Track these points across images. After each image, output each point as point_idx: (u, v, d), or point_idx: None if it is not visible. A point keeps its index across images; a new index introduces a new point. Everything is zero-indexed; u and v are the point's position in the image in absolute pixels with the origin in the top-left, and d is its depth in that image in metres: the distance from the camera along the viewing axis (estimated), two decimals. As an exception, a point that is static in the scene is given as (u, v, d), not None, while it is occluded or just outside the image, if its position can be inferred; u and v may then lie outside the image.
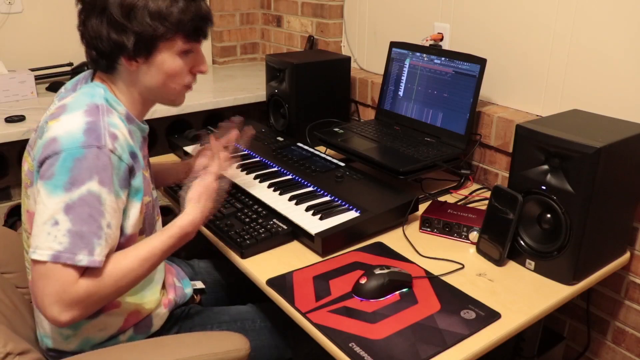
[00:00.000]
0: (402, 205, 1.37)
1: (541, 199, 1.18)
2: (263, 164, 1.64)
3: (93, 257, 0.95)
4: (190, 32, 1.07)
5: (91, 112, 1.01)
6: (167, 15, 1.03)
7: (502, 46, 1.62)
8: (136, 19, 1.02)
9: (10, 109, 1.86)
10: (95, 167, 0.96)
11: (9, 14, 2.12)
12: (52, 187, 0.95)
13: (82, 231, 0.95)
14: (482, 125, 1.64)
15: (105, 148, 0.98)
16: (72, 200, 0.95)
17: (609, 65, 1.38)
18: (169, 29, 1.04)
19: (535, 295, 1.14)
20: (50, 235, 0.94)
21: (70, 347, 1.12)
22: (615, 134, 1.16)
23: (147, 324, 1.20)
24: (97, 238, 0.96)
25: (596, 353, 1.55)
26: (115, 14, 1.01)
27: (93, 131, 0.98)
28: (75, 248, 0.94)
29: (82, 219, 0.95)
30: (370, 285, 1.11)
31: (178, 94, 1.15)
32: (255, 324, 1.31)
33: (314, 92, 1.92)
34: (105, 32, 1.03)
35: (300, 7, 2.36)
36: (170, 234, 1.08)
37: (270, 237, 1.28)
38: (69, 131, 0.97)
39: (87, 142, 0.97)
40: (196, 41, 1.10)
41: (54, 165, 0.95)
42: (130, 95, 1.11)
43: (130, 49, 1.03)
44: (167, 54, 1.07)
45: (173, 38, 1.06)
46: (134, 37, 1.02)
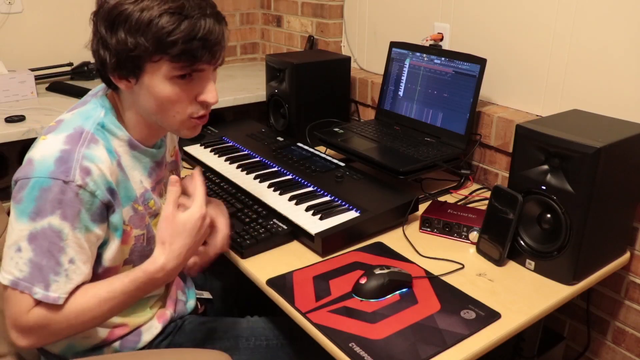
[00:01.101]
0: (402, 205, 1.37)
1: (541, 199, 1.18)
2: (263, 164, 1.64)
3: (48, 292, 0.93)
4: (178, 55, 0.92)
5: (72, 138, 0.95)
6: (145, 32, 0.90)
7: (502, 46, 1.62)
8: (116, 33, 0.91)
9: (11, 109, 1.86)
10: (57, 201, 0.91)
11: (9, 14, 2.12)
12: (19, 212, 0.92)
13: (41, 264, 0.92)
14: (482, 125, 1.64)
15: (73, 183, 0.92)
16: (36, 230, 0.92)
17: (609, 65, 1.38)
18: (147, 48, 0.91)
19: (535, 295, 1.14)
20: (13, 261, 0.93)
21: (55, 350, 1.11)
22: (615, 134, 1.16)
23: (134, 339, 1.15)
24: (54, 274, 0.93)
25: (596, 353, 1.55)
26: (100, 26, 0.93)
27: (64, 162, 0.92)
28: (33, 279, 0.92)
29: (42, 252, 0.92)
30: (370, 285, 1.11)
31: (181, 124, 1.02)
32: (249, 342, 1.24)
33: (314, 92, 1.92)
34: (95, 47, 0.96)
35: (300, 7, 2.36)
36: (133, 278, 0.98)
37: (270, 237, 1.28)
38: (43, 157, 0.93)
39: (54, 173, 0.92)
40: (190, 66, 0.94)
41: (23, 190, 0.92)
42: (134, 117, 1.04)
43: (112, 68, 0.94)
44: (154, 77, 0.95)
45: (157, 60, 0.93)
46: (114, 55, 0.92)
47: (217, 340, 1.23)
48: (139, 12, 0.90)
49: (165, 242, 0.99)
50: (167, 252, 0.98)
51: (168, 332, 1.22)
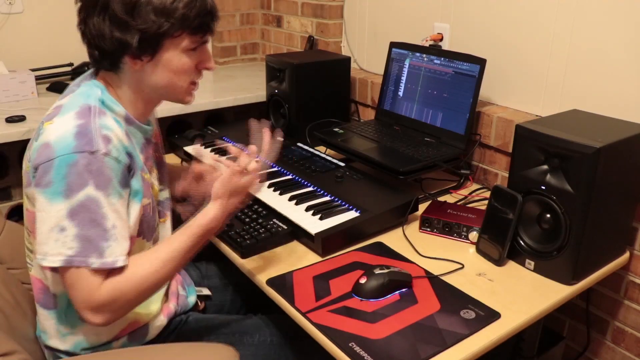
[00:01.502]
0: (402, 205, 1.38)
1: (541, 199, 1.19)
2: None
3: (103, 258, 0.96)
4: (196, 28, 1.04)
5: (82, 114, 0.99)
6: (172, 10, 1.00)
7: (502, 46, 1.62)
8: (140, 15, 0.98)
9: (11, 109, 1.86)
10: (88, 172, 0.95)
11: (9, 14, 2.12)
12: (50, 194, 0.95)
13: (88, 235, 0.95)
14: (481, 125, 1.64)
15: (98, 153, 0.96)
16: (73, 206, 0.94)
17: (609, 65, 1.38)
18: (174, 25, 1.01)
19: (534, 295, 1.14)
20: (58, 242, 0.95)
21: (64, 346, 1.12)
22: (615, 134, 1.16)
23: (142, 333, 1.18)
24: (105, 240, 0.96)
25: (596, 353, 1.55)
26: (118, 10, 0.98)
27: (84, 135, 0.96)
28: (85, 251, 0.95)
29: (86, 224, 0.95)
30: (370, 285, 1.11)
31: (185, 92, 1.12)
32: (254, 339, 1.27)
33: (314, 92, 1.93)
34: (108, 30, 1.00)
35: (300, 7, 2.36)
36: (191, 233, 1.06)
37: (270, 237, 1.28)
38: (61, 136, 0.96)
39: (78, 147, 0.95)
40: (202, 37, 1.07)
41: (49, 173, 0.94)
42: (132, 94, 1.09)
43: (135, 48, 1.00)
44: (173, 52, 1.04)
45: (179, 35, 1.03)
46: (138, 35, 0.99)
47: (222, 335, 1.26)
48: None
49: (220, 198, 1.08)
50: (220, 206, 1.08)
51: (173, 326, 1.24)
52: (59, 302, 1.10)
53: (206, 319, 1.30)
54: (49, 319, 1.11)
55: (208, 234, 1.09)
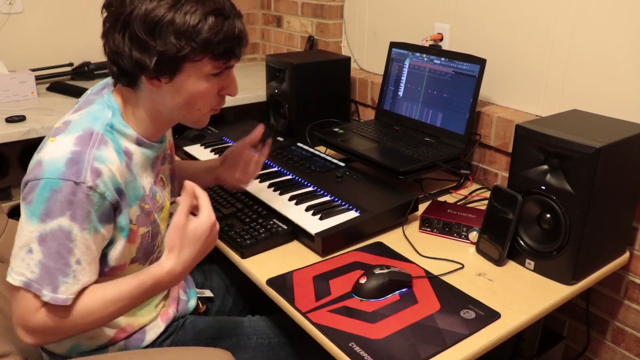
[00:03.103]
0: (402, 205, 1.38)
1: (541, 199, 1.19)
2: (263, 164, 1.64)
3: (56, 294, 0.94)
4: (220, 54, 0.98)
5: (83, 140, 0.96)
6: (195, 34, 0.94)
7: (502, 46, 1.62)
8: (160, 37, 0.93)
9: (11, 109, 1.86)
10: (68, 202, 0.92)
11: (9, 14, 2.12)
12: (29, 213, 0.93)
13: (49, 266, 0.93)
14: (481, 125, 1.64)
15: (84, 185, 0.92)
16: (46, 232, 0.92)
17: (609, 65, 1.38)
18: (195, 49, 0.95)
19: (534, 295, 1.14)
20: (24, 262, 0.93)
21: (60, 350, 1.11)
22: (615, 134, 1.16)
23: (139, 338, 1.17)
24: (63, 276, 0.94)
25: (596, 353, 1.56)
26: (139, 29, 0.93)
27: (75, 164, 0.93)
28: (43, 281, 0.93)
29: (50, 254, 0.93)
30: (370, 285, 1.11)
31: (202, 116, 1.07)
32: (251, 341, 1.26)
33: (314, 92, 1.93)
34: (127, 49, 0.95)
35: (300, 7, 2.36)
36: (140, 282, 1.00)
37: (270, 237, 1.28)
38: (53, 158, 0.93)
39: (65, 174, 0.92)
40: (226, 63, 1.01)
41: (34, 191, 0.93)
42: (147, 114, 1.05)
43: (152, 69, 0.95)
44: (193, 76, 0.99)
45: (200, 59, 0.97)
46: (156, 57, 0.94)
47: (219, 339, 1.24)
48: (184, 15, 0.93)
49: (175, 248, 0.99)
50: (175, 258, 0.99)
51: (171, 331, 1.23)
52: None
53: (203, 322, 1.28)
54: None
55: (160, 285, 1.01)
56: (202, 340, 1.23)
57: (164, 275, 1.00)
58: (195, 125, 1.10)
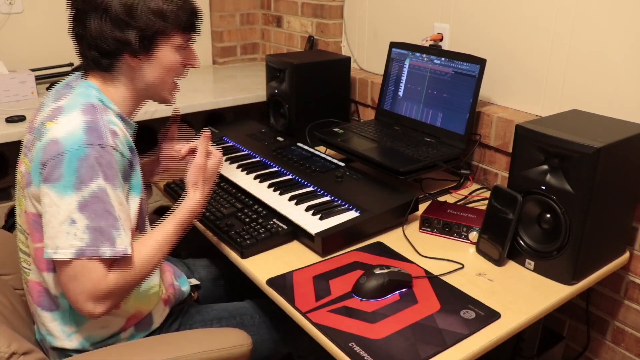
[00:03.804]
0: (402, 205, 1.38)
1: (541, 199, 1.19)
2: (263, 164, 1.64)
3: (115, 247, 0.99)
4: (187, 28, 1.14)
5: (88, 111, 1.04)
6: (168, 12, 1.09)
7: (502, 46, 1.62)
8: (139, 16, 1.07)
9: (11, 109, 1.86)
10: (99, 164, 0.99)
11: (9, 14, 2.12)
12: (61, 188, 0.97)
13: (100, 226, 0.98)
14: (481, 125, 1.64)
15: (108, 145, 1.01)
16: (84, 198, 0.98)
17: (609, 65, 1.38)
18: (169, 24, 1.10)
19: (534, 295, 1.14)
20: (70, 235, 0.97)
21: (72, 344, 1.13)
22: (615, 134, 1.16)
23: (148, 322, 1.21)
24: (115, 229, 1.00)
25: (596, 353, 1.56)
26: (119, 12, 1.05)
27: (94, 130, 1.01)
28: (97, 242, 0.98)
29: (97, 215, 0.98)
30: (370, 285, 1.11)
31: (170, 89, 1.20)
32: (254, 319, 1.33)
33: (314, 92, 1.93)
34: (109, 30, 1.06)
35: (300, 7, 2.36)
36: (180, 217, 1.13)
37: (270, 237, 1.28)
38: (70, 131, 1.00)
39: (89, 141, 0.99)
40: (191, 36, 1.17)
41: (59, 167, 0.97)
42: (123, 93, 1.14)
43: (135, 45, 1.07)
44: (167, 49, 1.13)
45: (172, 33, 1.12)
46: (137, 33, 1.07)
47: (224, 319, 1.31)
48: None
49: (198, 184, 1.17)
50: (200, 190, 1.18)
51: (175, 315, 1.29)
52: (61, 302, 1.11)
53: (204, 307, 1.36)
54: (52, 321, 1.12)
55: (195, 215, 1.17)
56: (208, 321, 1.30)
57: (196, 205, 1.17)
58: (164, 101, 1.22)
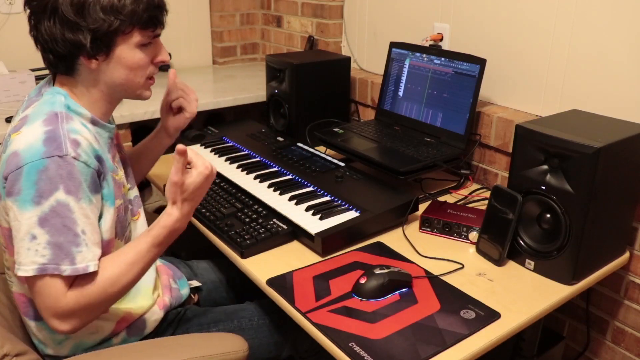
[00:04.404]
0: (402, 205, 1.38)
1: (541, 199, 1.19)
2: (263, 164, 1.64)
3: (75, 265, 0.95)
4: (146, 23, 1.05)
5: (50, 120, 0.99)
6: (120, 8, 1.00)
7: (502, 46, 1.62)
8: (89, 15, 0.99)
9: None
10: (59, 176, 0.94)
11: (9, 14, 2.12)
12: (21, 202, 0.94)
13: (59, 242, 0.94)
14: (481, 125, 1.64)
15: (68, 156, 0.96)
16: (44, 212, 0.94)
17: (609, 66, 1.38)
18: (124, 21, 1.01)
19: (534, 295, 1.14)
20: (31, 250, 0.94)
21: (63, 351, 1.12)
22: (615, 134, 1.16)
23: (140, 326, 1.19)
24: (75, 246, 0.96)
25: (596, 353, 1.56)
26: (67, 12, 0.98)
27: (53, 140, 0.96)
28: (57, 259, 0.94)
29: (57, 230, 0.94)
30: (370, 285, 1.11)
31: (143, 87, 1.12)
32: (252, 322, 1.31)
33: (314, 92, 1.93)
34: (60, 33, 0.99)
35: (300, 7, 2.36)
36: (155, 235, 1.04)
37: (270, 237, 1.28)
38: (29, 143, 0.95)
39: (47, 152, 0.94)
40: (153, 31, 1.08)
41: (19, 181, 0.94)
42: (92, 95, 1.08)
43: (88, 47, 1.00)
44: (126, 48, 1.05)
45: (130, 31, 1.03)
46: (90, 34, 0.99)
47: (221, 323, 1.28)
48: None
49: (177, 202, 1.05)
50: (179, 209, 1.05)
51: (171, 319, 1.26)
52: None
53: (203, 310, 1.32)
54: (41, 330, 1.10)
55: (173, 233, 1.06)
56: (205, 326, 1.27)
57: (174, 223, 1.04)
58: (139, 97, 1.14)
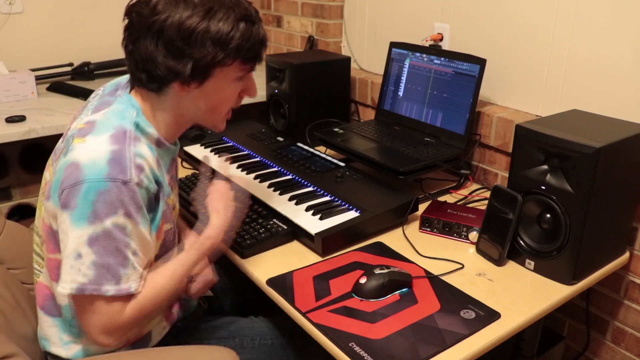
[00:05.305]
0: (402, 205, 1.38)
1: (541, 199, 1.19)
2: (263, 164, 1.64)
3: (119, 285, 0.95)
4: (249, 58, 1.02)
5: (117, 138, 0.96)
6: (228, 41, 0.97)
7: (502, 46, 1.62)
8: (196, 44, 0.95)
9: (11, 109, 1.86)
10: (119, 201, 0.93)
11: (9, 14, 2.12)
12: (75, 218, 0.92)
13: (108, 263, 0.94)
14: (481, 126, 1.64)
15: (132, 182, 0.94)
16: (96, 233, 0.92)
17: (609, 66, 1.38)
18: (229, 55, 0.98)
19: (534, 295, 1.14)
20: (74, 269, 0.93)
21: (67, 353, 1.11)
22: (615, 134, 1.16)
23: (146, 340, 1.17)
24: (124, 268, 0.95)
25: (596, 353, 1.56)
26: (174, 38, 0.94)
27: (118, 163, 0.93)
28: (101, 279, 0.94)
29: (107, 251, 0.93)
30: (370, 285, 1.11)
31: (223, 119, 1.12)
32: (254, 342, 1.27)
33: (314, 92, 1.93)
34: (162, 57, 0.96)
35: (300, 7, 2.36)
36: (198, 246, 1.08)
37: (270, 237, 1.28)
38: (93, 159, 0.93)
39: (111, 175, 0.92)
40: (252, 66, 1.06)
41: (76, 196, 0.91)
42: (167, 118, 1.06)
43: (187, 76, 0.97)
44: (223, 80, 1.02)
45: (230, 64, 1.00)
46: (191, 63, 0.96)
47: (222, 339, 1.25)
48: (218, 23, 0.96)
49: (220, 210, 1.10)
50: (222, 217, 1.10)
51: (174, 333, 1.24)
52: (64, 312, 1.08)
53: (207, 322, 1.30)
54: (52, 326, 1.10)
55: (215, 245, 1.10)
56: (205, 340, 1.24)
57: (217, 233, 1.09)
58: (214, 129, 1.13)
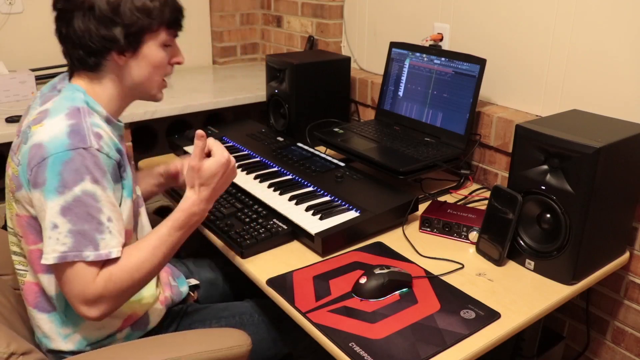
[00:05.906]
0: (402, 205, 1.38)
1: (541, 199, 1.19)
2: (263, 164, 1.64)
3: (99, 251, 0.99)
4: (171, 24, 1.13)
5: (73, 114, 1.03)
6: (152, 8, 1.08)
7: (502, 46, 1.62)
8: (124, 13, 1.06)
9: (11, 109, 1.86)
10: (84, 167, 0.99)
11: (9, 14, 2.12)
12: (46, 192, 0.98)
13: (83, 229, 0.98)
14: (481, 125, 1.64)
15: (92, 148, 1.00)
16: (67, 202, 0.97)
17: (609, 65, 1.38)
18: (154, 20, 1.09)
19: (534, 295, 1.14)
20: (52, 239, 0.97)
21: (68, 346, 1.13)
22: (615, 134, 1.16)
23: (144, 322, 1.21)
24: (99, 233, 0.99)
25: (596, 353, 1.56)
26: (104, 10, 1.05)
27: (77, 133, 1.00)
28: (79, 246, 0.98)
29: (80, 218, 0.98)
30: (370, 285, 1.11)
31: (159, 86, 1.19)
32: (253, 319, 1.33)
33: (314, 92, 1.93)
34: (94, 28, 1.05)
35: (300, 7, 2.36)
36: (175, 219, 1.10)
37: (270, 237, 1.28)
38: (54, 135, 0.99)
39: (72, 144, 0.99)
40: (175, 32, 1.16)
41: (44, 171, 0.98)
42: (111, 93, 1.13)
43: (122, 42, 1.06)
44: (153, 46, 1.12)
45: (157, 30, 1.11)
46: (123, 30, 1.06)
47: (223, 319, 1.31)
48: None
49: (195, 186, 1.12)
50: (197, 193, 1.12)
51: (173, 316, 1.29)
52: (57, 303, 1.11)
53: (203, 307, 1.35)
54: (48, 322, 1.12)
55: (194, 217, 1.12)
56: (207, 322, 1.30)
57: (191, 206, 1.11)
58: (153, 98, 1.20)
